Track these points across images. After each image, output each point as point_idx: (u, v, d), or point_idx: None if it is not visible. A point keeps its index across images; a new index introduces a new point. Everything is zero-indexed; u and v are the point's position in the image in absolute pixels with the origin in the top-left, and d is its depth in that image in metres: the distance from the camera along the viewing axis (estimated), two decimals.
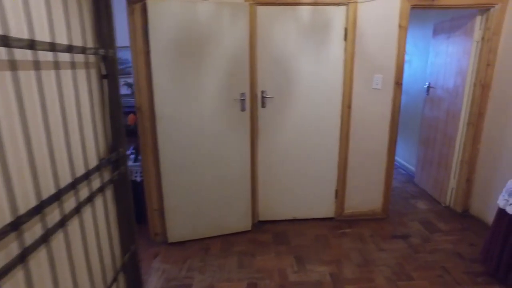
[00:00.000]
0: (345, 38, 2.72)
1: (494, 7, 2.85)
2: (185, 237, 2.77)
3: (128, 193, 1.74)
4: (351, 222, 3.12)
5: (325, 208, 3.13)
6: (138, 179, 2.91)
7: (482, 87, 2.99)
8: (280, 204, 3.07)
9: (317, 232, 2.95)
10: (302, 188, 3.05)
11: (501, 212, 2.29)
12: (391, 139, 2.98)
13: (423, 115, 3.92)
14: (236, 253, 2.64)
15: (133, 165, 2.96)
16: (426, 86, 3.80)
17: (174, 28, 2.33)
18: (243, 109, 2.63)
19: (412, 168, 4.38)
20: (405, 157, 4.67)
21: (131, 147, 3.18)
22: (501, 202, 2.30)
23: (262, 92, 2.78)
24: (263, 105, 2.81)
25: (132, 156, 3.06)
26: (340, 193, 3.07)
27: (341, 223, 3.11)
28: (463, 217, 3.26)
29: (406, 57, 4.60)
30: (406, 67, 4.56)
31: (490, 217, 3.02)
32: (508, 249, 2.25)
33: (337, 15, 2.69)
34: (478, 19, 2.99)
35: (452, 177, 3.36)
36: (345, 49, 2.74)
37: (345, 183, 3.04)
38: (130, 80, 3.85)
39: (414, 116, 4.35)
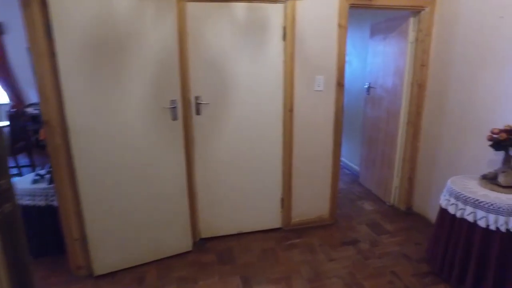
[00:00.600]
0: (284, 38, 2.56)
1: (424, 9, 2.89)
2: (115, 267, 2.40)
3: (19, 236, 1.37)
4: (299, 231, 2.98)
5: (271, 218, 2.95)
6: (56, 203, 2.47)
7: (419, 86, 3.03)
8: (223, 218, 2.83)
9: (265, 246, 2.75)
10: (246, 199, 2.83)
11: (443, 212, 2.28)
12: (335, 142, 2.89)
13: (365, 115, 3.93)
14: (176, 280, 2.34)
15: (47, 188, 2.51)
16: (366, 86, 3.82)
17: (87, 25, 1.97)
18: (174, 118, 2.34)
19: (357, 168, 4.40)
20: (349, 156, 4.70)
21: (47, 166, 2.72)
22: (443, 202, 2.29)
23: (196, 98, 2.51)
24: (198, 112, 2.54)
25: (48, 176, 2.61)
26: (286, 202, 2.91)
27: (289, 233, 2.95)
28: (407, 215, 3.30)
29: (346, 58, 4.63)
30: (347, 68, 4.57)
31: (431, 214, 3.07)
32: (451, 249, 2.25)
33: (275, 13, 2.52)
34: (411, 20, 3.02)
35: (395, 175, 3.38)
36: (285, 50, 2.58)
37: (291, 191, 2.89)
38: None
39: (356, 116, 4.37)
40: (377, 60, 3.61)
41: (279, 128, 2.73)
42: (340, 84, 2.76)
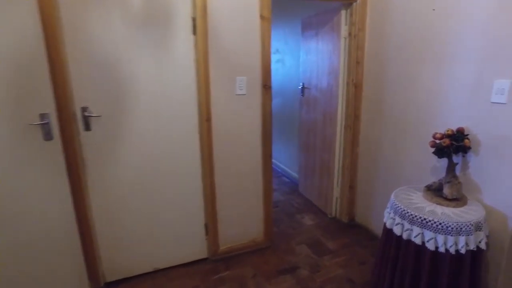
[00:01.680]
0: (194, 32, 2.08)
1: (356, 1, 2.60)
2: None
3: None
4: (229, 260, 2.52)
5: (195, 248, 2.46)
6: None
7: (355, 86, 2.73)
8: (133, 254, 2.27)
9: (186, 285, 2.25)
10: (160, 229, 2.30)
11: (389, 232, 1.97)
12: (265, 153, 2.47)
13: (300, 119, 3.60)
14: None
15: None
16: (300, 87, 3.48)
17: None
18: (48, 138, 1.74)
19: (296, 175, 4.07)
20: (289, 163, 4.35)
21: None
22: (388, 221, 1.98)
23: (83, 109, 1.93)
24: (87, 128, 1.95)
25: None
26: (211, 228, 2.43)
27: (217, 264, 2.48)
28: (350, 227, 3.00)
29: (279, 56, 4.29)
30: (280, 67, 4.23)
31: (374, 225, 2.80)
32: (399, 273, 1.94)
33: (181, 1, 2.02)
34: (343, 14, 2.71)
35: (335, 185, 3.08)
36: (196, 46, 2.10)
37: (216, 214, 2.42)
38: None
39: (293, 120, 4.03)
40: (310, 58, 3.28)
41: (195, 141, 2.24)
42: (266, 86, 2.34)
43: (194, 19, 2.06)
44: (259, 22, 2.24)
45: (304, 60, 3.39)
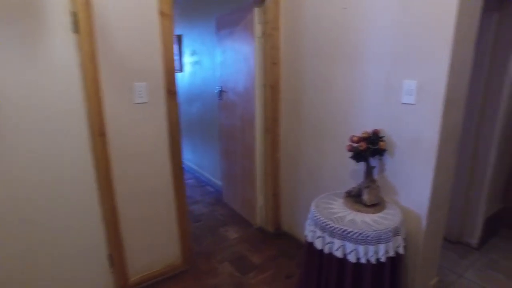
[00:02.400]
0: (76, 30, 1.70)
1: None
2: None
3: None
4: None
5: (98, 284, 2.06)
6: None
7: (272, 88, 2.59)
8: None
9: None
10: (51, 268, 1.87)
11: (310, 246, 1.83)
12: (175, 167, 2.18)
13: (220, 124, 3.37)
14: None
15: None
16: (217, 90, 3.25)
17: None
18: None
19: (220, 184, 3.83)
20: (212, 171, 4.09)
21: None
22: (309, 234, 1.84)
23: None
24: None
25: None
26: (117, 258, 2.06)
27: None
28: (276, 237, 2.86)
29: (196, 58, 4.01)
30: (198, 69, 3.96)
31: (300, 233, 2.69)
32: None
33: None
34: (256, 11, 2.55)
35: (259, 193, 2.91)
36: (80, 47, 1.72)
37: (121, 242, 2.06)
38: None
39: (214, 125, 3.78)
40: (226, 60, 3.07)
41: (87, 160, 1.85)
42: (171, 92, 2.05)
43: (74, 14, 1.68)
44: (158, 19, 1.94)
45: (220, 61, 3.17)
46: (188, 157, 4.69)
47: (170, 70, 2.04)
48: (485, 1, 1.78)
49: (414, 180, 1.80)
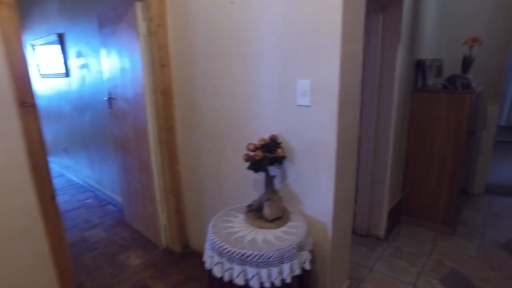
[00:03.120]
0: None
1: None
2: None
3: None
4: None
5: None
6: None
7: (163, 93, 2.29)
8: None
9: None
10: None
11: (210, 273, 1.60)
12: (43, 195, 1.73)
13: (113, 135, 2.95)
14: None
15: None
16: (106, 98, 2.82)
17: None
18: None
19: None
20: (113, 187, 3.61)
21: None
22: (207, 260, 1.61)
23: None
24: None
25: None
26: None
27: None
28: (184, 257, 2.57)
29: (83, 60, 3.48)
30: (86, 73, 3.44)
31: None
32: None
33: None
34: (139, 6, 2.22)
35: (160, 210, 2.58)
36: None
37: None
38: None
39: (109, 136, 3.32)
40: (111, 62, 2.67)
41: None
42: (26, 104, 1.62)
43: None
44: None
45: (107, 64, 2.75)
46: (86, 174, 4.10)
47: (22, 76, 1.60)
48: (369, 2, 1.75)
49: (316, 187, 1.69)
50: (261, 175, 1.88)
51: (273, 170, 1.77)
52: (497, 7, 3.21)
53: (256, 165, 1.65)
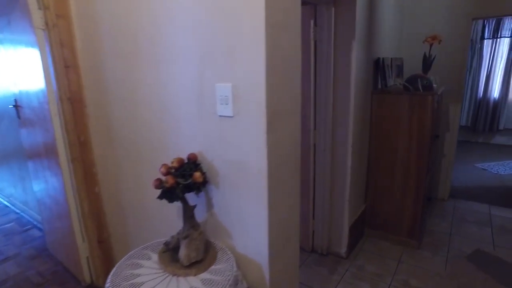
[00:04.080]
0: None
1: None
2: None
3: None
4: None
5: None
6: None
7: (71, 101, 1.86)
8: None
9: None
10: None
11: None
12: None
13: (26, 151, 2.47)
14: None
15: None
16: (12, 106, 2.34)
17: None
18: None
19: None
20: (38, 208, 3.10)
21: None
22: None
23: None
24: None
25: None
26: None
27: None
28: None
29: None
30: None
31: None
32: None
33: None
34: None
35: (80, 240, 2.15)
36: None
37: None
38: None
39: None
40: (12, 61, 2.20)
41: None
42: None
43: None
44: None
45: (7, 64, 2.27)
46: (10, 192, 3.55)
47: None
48: None
49: (245, 221, 1.34)
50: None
51: (193, 198, 1.40)
52: (454, 6, 3.01)
53: (168, 193, 1.27)
